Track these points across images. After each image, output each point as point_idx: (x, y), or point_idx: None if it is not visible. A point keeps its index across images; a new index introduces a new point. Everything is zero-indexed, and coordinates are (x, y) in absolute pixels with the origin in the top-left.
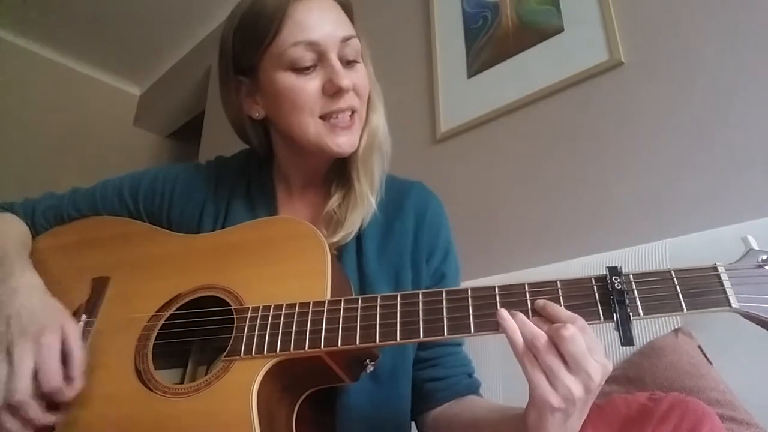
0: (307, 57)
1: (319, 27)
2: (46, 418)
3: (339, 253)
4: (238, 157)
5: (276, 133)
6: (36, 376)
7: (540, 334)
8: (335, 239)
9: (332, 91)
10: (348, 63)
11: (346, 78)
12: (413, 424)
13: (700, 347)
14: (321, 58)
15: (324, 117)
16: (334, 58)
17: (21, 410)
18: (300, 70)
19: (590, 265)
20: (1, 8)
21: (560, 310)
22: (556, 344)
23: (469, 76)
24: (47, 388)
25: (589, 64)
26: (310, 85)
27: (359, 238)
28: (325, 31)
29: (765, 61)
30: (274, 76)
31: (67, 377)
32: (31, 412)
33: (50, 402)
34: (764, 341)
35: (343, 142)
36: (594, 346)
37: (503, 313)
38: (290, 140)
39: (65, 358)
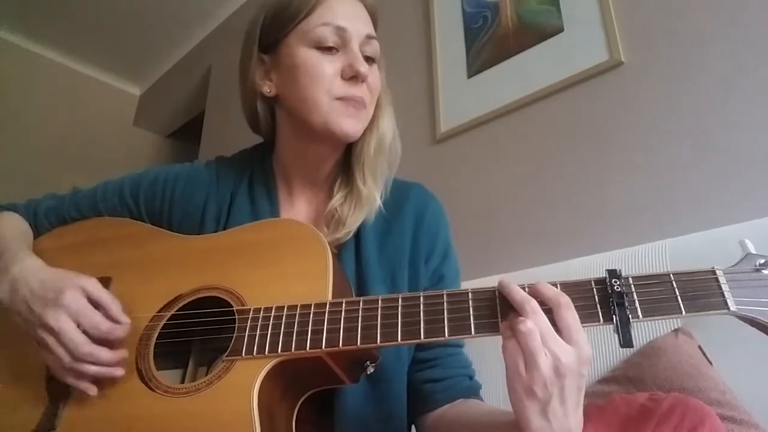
0: (332, 39)
1: (349, 18)
2: (117, 354)
3: (338, 251)
4: (238, 157)
5: (283, 117)
6: (81, 328)
7: (528, 299)
8: (337, 236)
9: (350, 74)
10: (367, 59)
11: (364, 66)
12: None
13: (700, 347)
14: (344, 44)
15: (337, 99)
16: (355, 46)
17: (92, 358)
18: (323, 49)
19: (590, 265)
20: (1, 8)
21: (545, 289)
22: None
23: (469, 76)
24: (99, 333)
25: (589, 64)
26: (330, 66)
27: (358, 238)
28: (354, 24)
29: (765, 60)
30: (296, 51)
31: (111, 320)
32: (102, 355)
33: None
34: (764, 341)
35: (348, 125)
36: (570, 326)
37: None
38: (298, 120)
39: (97, 308)
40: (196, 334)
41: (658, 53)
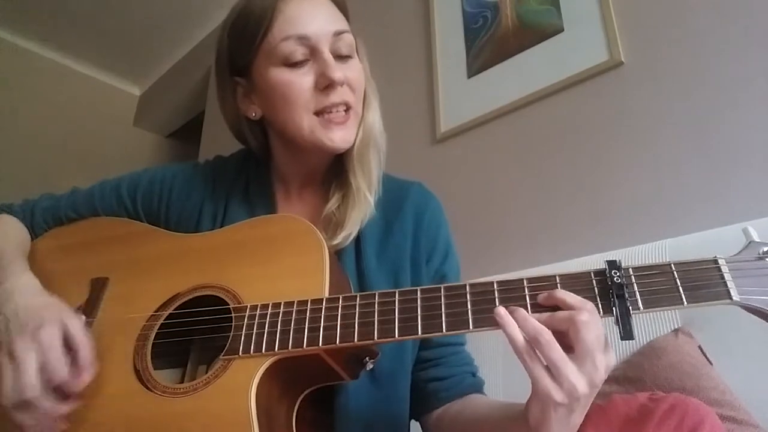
0: (299, 51)
1: (310, 21)
2: (61, 408)
3: (338, 255)
4: (236, 157)
5: (273, 133)
6: (42, 370)
7: (543, 330)
8: (336, 241)
9: (324, 84)
10: (341, 57)
11: (339, 71)
12: (418, 424)
13: (700, 347)
14: (313, 52)
15: (318, 113)
16: (326, 51)
17: (34, 406)
18: (292, 64)
19: (590, 265)
20: (1, 8)
21: (570, 295)
22: (568, 330)
23: (469, 76)
24: (55, 380)
25: (589, 64)
26: (303, 80)
27: (358, 239)
28: (316, 26)
29: (765, 60)
30: (267, 73)
31: (76, 366)
32: (44, 407)
33: (64, 392)
34: (764, 341)
35: (338, 137)
36: (602, 335)
37: (500, 310)
38: (286, 138)
39: (70, 349)
40: (194, 333)
41: (658, 53)
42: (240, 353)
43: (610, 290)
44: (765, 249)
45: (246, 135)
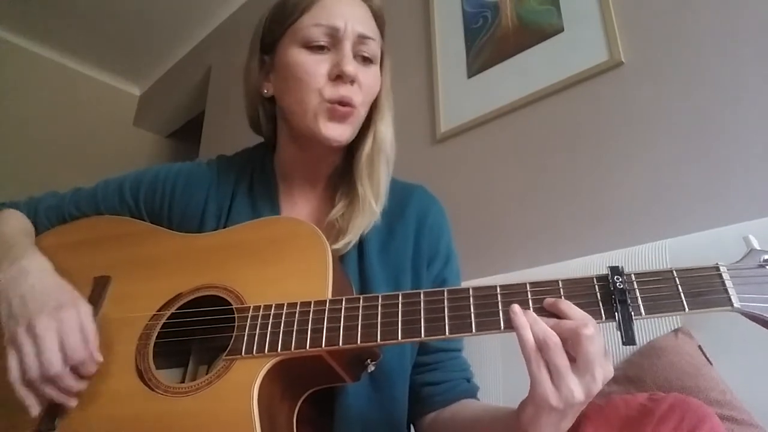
0: (322, 39)
1: (343, 18)
2: (79, 385)
3: (340, 256)
4: (240, 156)
5: (281, 119)
6: (61, 349)
7: (552, 334)
8: (336, 247)
9: (335, 74)
10: (363, 60)
11: (352, 65)
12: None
13: (700, 347)
14: (335, 43)
15: (326, 102)
16: (347, 46)
17: (57, 381)
18: (313, 48)
19: (590, 265)
20: (1, 8)
21: (573, 308)
22: (571, 341)
23: (469, 76)
24: (74, 360)
25: (589, 64)
26: (319, 66)
27: (361, 242)
28: (347, 23)
29: (765, 60)
30: (288, 51)
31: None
32: (67, 382)
33: (77, 373)
34: (764, 341)
35: (333, 130)
36: (603, 348)
37: (516, 308)
38: (291, 124)
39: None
40: (196, 333)
41: (658, 53)
42: (242, 354)
43: (612, 296)
44: (766, 257)
45: (257, 112)
